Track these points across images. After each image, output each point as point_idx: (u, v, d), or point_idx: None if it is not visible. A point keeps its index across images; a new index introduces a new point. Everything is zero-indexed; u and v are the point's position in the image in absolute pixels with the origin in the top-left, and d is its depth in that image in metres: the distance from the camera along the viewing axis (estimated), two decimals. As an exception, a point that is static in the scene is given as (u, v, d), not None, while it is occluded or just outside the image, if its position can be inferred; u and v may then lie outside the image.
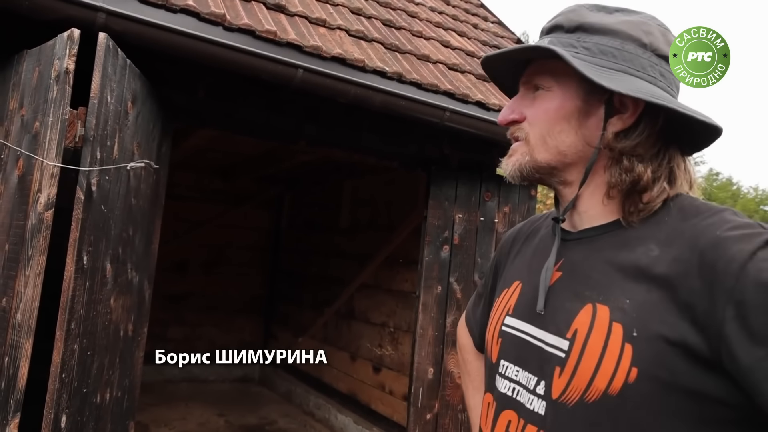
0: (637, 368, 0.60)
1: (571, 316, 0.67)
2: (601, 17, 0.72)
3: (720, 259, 0.58)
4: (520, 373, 0.73)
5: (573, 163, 0.72)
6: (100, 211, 1.63)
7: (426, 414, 2.86)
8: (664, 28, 0.73)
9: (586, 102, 0.70)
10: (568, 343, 0.66)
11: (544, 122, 0.72)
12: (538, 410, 0.68)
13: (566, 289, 0.70)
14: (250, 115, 2.46)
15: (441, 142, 2.97)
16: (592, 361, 0.63)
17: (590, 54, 0.69)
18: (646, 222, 0.68)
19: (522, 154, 0.74)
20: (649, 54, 0.70)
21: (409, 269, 3.87)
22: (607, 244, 0.70)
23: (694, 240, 0.62)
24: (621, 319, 0.63)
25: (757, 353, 0.54)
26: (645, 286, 0.63)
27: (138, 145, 1.92)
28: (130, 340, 2.02)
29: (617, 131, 0.69)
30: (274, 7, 2.36)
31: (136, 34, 1.85)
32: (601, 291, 0.66)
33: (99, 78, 1.56)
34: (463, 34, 3.51)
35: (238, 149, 4.32)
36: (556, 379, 0.67)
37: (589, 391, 0.63)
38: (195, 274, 5.51)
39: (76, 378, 1.55)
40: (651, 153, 0.69)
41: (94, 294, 1.64)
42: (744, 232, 0.60)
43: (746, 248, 0.57)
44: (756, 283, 0.55)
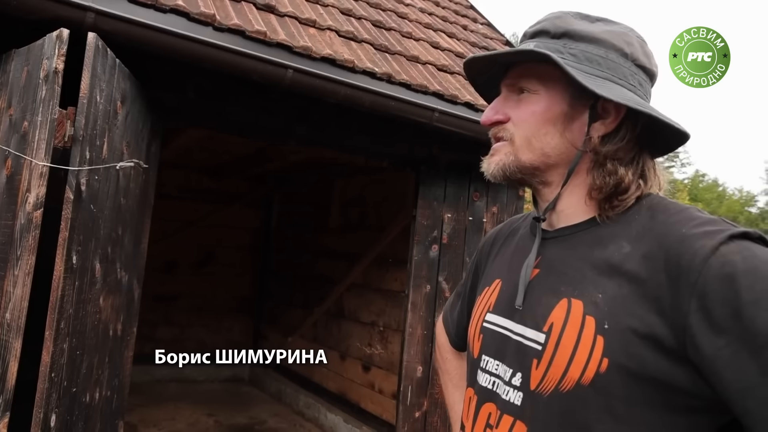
0: (608, 359, 0.63)
1: (547, 310, 0.70)
2: (586, 25, 0.74)
3: (684, 254, 0.61)
4: (499, 366, 0.76)
5: (555, 165, 0.75)
6: (90, 211, 1.63)
7: (415, 412, 2.89)
8: (642, 40, 0.76)
9: (571, 106, 0.73)
10: (544, 336, 0.69)
11: (531, 124, 0.74)
12: (514, 401, 0.71)
13: (543, 285, 0.73)
14: (240, 115, 2.47)
15: (430, 142, 2.99)
16: (566, 353, 0.66)
17: (577, 60, 0.71)
18: (619, 220, 0.71)
19: (506, 154, 0.76)
20: (629, 63, 0.73)
21: (398, 268, 3.89)
22: (582, 241, 0.73)
23: (661, 237, 0.65)
24: (594, 312, 0.66)
25: (718, 343, 0.57)
26: (616, 281, 0.66)
27: (127, 144, 1.92)
28: (119, 340, 2.02)
29: (600, 135, 0.72)
30: (264, 7, 2.37)
31: (126, 34, 1.85)
32: (576, 286, 0.69)
33: (88, 78, 1.56)
34: (452, 35, 3.54)
35: (227, 149, 4.32)
36: (533, 370, 0.69)
37: (564, 381, 0.66)
38: (184, 274, 5.49)
39: (66, 377, 1.55)
40: (629, 157, 0.73)
41: (83, 293, 1.64)
42: (707, 228, 0.63)
43: (709, 244, 0.60)
44: (718, 276, 0.58)
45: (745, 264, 0.58)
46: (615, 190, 0.71)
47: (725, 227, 0.63)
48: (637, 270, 0.65)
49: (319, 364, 3.98)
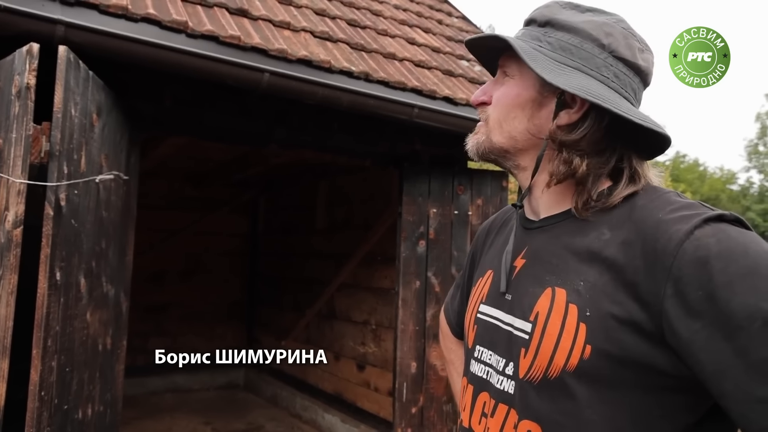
0: (591, 345, 0.64)
1: (533, 299, 0.72)
2: (571, 15, 0.75)
3: (660, 239, 0.62)
4: (492, 356, 0.78)
5: (524, 150, 0.76)
6: (71, 226, 1.62)
7: (411, 408, 2.90)
8: (629, 32, 0.75)
9: (540, 93, 0.74)
10: (530, 325, 0.71)
11: (503, 107, 0.76)
12: (507, 389, 0.73)
13: (530, 275, 0.75)
14: (218, 121, 2.46)
15: (412, 138, 3.01)
16: (551, 341, 0.68)
17: (551, 48, 0.73)
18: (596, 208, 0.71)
19: (481, 134, 0.79)
20: (606, 54, 0.73)
21: (387, 266, 3.90)
22: (565, 230, 0.74)
23: (639, 223, 0.66)
24: (576, 300, 0.67)
25: (693, 326, 0.58)
26: (597, 268, 0.67)
27: (106, 157, 1.90)
28: (109, 354, 2.01)
29: (563, 124, 0.72)
30: (237, 11, 2.36)
31: (97, 45, 1.83)
32: (560, 275, 0.71)
33: (61, 92, 1.55)
34: (428, 30, 3.55)
35: (209, 155, 4.29)
36: (521, 359, 0.71)
37: (551, 368, 0.67)
38: (173, 283, 5.45)
39: (56, 395, 1.54)
40: (596, 149, 0.72)
41: (69, 309, 1.62)
42: (683, 213, 0.63)
43: (684, 228, 0.61)
44: (692, 260, 0.59)
45: (719, 246, 0.58)
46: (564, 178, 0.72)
47: (701, 211, 0.63)
48: (616, 256, 0.65)
49: (318, 363, 3.98)
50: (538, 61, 0.71)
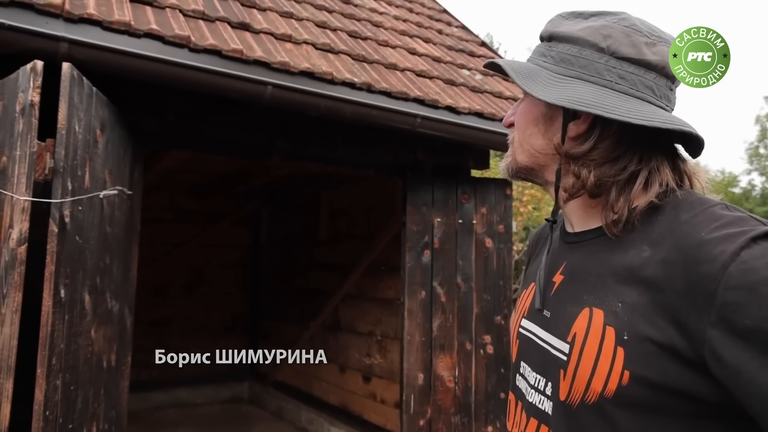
0: (629, 371, 0.61)
1: (571, 319, 0.69)
2: (571, 25, 0.74)
3: (702, 261, 0.58)
4: (531, 374, 0.76)
5: (546, 165, 0.76)
6: (75, 243, 1.61)
7: (419, 420, 2.87)
8: (632, 29, 0.72)
9: (549, 108, 0.73)
10: (568, 346, 0.68)
11: (521, 126, 0.77)
12: (546, 410, 0.71)
13: (567, 293, 0.73)
14: (221, 134, 2.46)
15: (414, 148, 3.00)
16: (588, 365, 0.65)
17: (553, 62, 0.73)
18: (644, 221, 0.67)
19: (508, 155, 0.80)
20: (607, 58, 0.71)
21: (391, 276, 3.88)
22: (602, 246, 0.71)
23: (681, 241, 0.62)
24: (613, 322, 0.64)
25: (742, 357, 0.54)
26: (635, 288, 0.64)
27: (110, 172, 1.89)
28: (113, 371, 1.99)
29: (573, 136, 0.71)
30: (239, 25, 2.37)
31: (101, 61, 1.83)
32: (597, 295, 0.67)
33: (65, 108, 1.55)
34: (428, 40, 3.56)
35: (211, 168, 4.29)
36: (561, 381, 0.69)
37: (588, 393, 0.65)
38: (176, 297, 5.43)
39: (61, 414, 1.52)
40: (609, 158, 0.69)
41: (74, 327, 1.61)
42: (728, 231, 0.59)
43: (729, 249, 0.56)
44: (738, 285, 0.55)
45: None
46: (576, 193, 0.70)
47: (749, 228, 0.58)
48: (655, 276, 0.62)
49: (319, 364, 3.95)
50: (535, 78, 0.72)
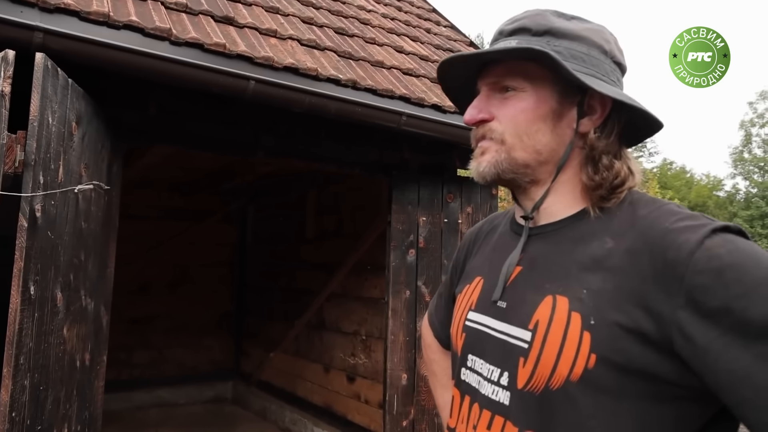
0: (596, 354, 0.63)
1: (532, 308, 0.70)
2: (564, 23, 0.75)
3: (669, 248, 0.62)
4: (483, 365, 0.75)
5: (546, 162, 0.75)
6: (47, 238, 1.56)
7: (402, 421, 2.85)
8: (615, 37, 0.78)
9: (560, 103, 0.73)
10: (530, 333, 0.69)
11: (521, 122, 0.73)
12: (502, 401, 0.71)
13: (527, 283, 0.73)
14: (204, 130, 2.41)
15: (400, 146, 2.98)
16: (553, 350, 0.66)
17: (563, 58, 0.71)
18: (601, 216, 0.72)
19: (497, 152, 0.75)
20: (609, 60, 0.75)
21: (377, 275, 3.85)
22: (565, 238, 0.73)
23: (644, 232, 0.66)
24: (579, 308, 0.66)
25: (710, 334, 0.58)
26: (601, 276, 0.66)
27: (86, 166, 1.85)
28: (87, 370, 1.94)
29: (585, 131, 0.74)
30: (223, 19, 2.33)
31: (78, 52, 1.79)
32: (561, 283, 0.69)
33: (38, 99, 1.50)
34: (416, 39, 3.54)
35: (196, 164, 4.23)
36: (520, 369, 0.69)
37: (553, 378, 0.66)
38: (159, 294, 5.35)
39: (29, 416, 1.48)
40: (615, 150, 0.74)
41: (44, 325, 1.56)
42: (690, 223, 0.64)
43: (693, 238, 0.61)
44: (705, 270, 0.59)
45: (731, 257, 0.59)
46: (612, 184, 0.72)
47: (706, 221, 0.64)
48: (621, 265, 0.65)
49: (303, 363, 3.89)
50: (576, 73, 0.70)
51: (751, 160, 28.07)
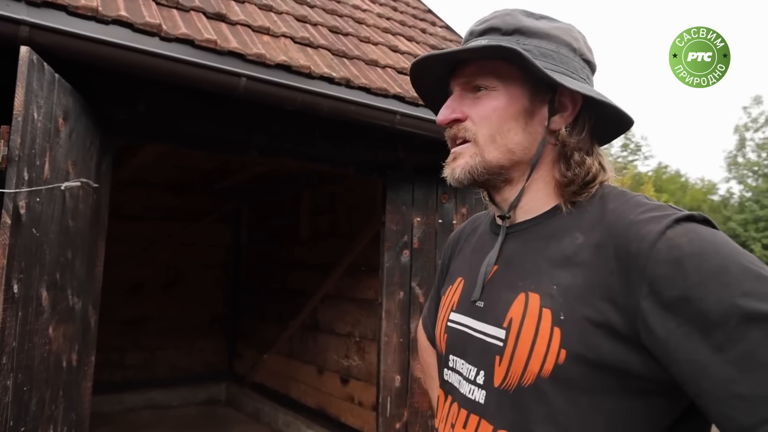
0: (566, 350, 0.63)
1: (506, 305, 0.71)
2: (534, 22, 0.75)
3: (633, 240, 0.62)
4: (463, 365, 0.76)
5: (519, 161, 0.74)
6: (32, 236, 1.53)
7: (395, 423, 2.82)
8: (584, 35, 0.78)
9: (531, 102, 0.73)
10: (504, 332, 0.69)
11: (493, 121, 0.73)
12: (478, 399, 0.71)
13: (503, 281, 0.74)
14: (195, 128, 2.38)
15: (395, 146, 2.96)
16: (526, 346, 0.66)
17: (532, 56, 0.71)
18: (573, 212, 0.72)
19: (471, 156, 0.75)
20: (578, 58, 0.75)
21: (371, 276, 3.83)
22: (537, 235, 0.73)
23: (610, 225, 0.66)
24: (550, 305, 0.66)
25: (669, 325, 0.58)
26: (570, 271, 0.67)
27: (73, 163, 1.82)
28: (74, 371, 1.90)
29: (558, 128, 0.74)
30: (215, 16, 2.30)
31: (65, 47, 1.76)
32: (533, 280, 0.70)
33: (22, 94, 1.47)
34: (411, 38, 3.52)
35: (190, 164, 4.20)
36: (496, 367, 0.69)
37: (525, 375, 0.66)
38: (152, 295, 5.31)
39: (12, 417, 1.44)
40: (587, 147, 0.74)
41: (28, 324, 1.53)
42: (654, 214, 0.64)
43: (656, 228, 0.61)
44: (666, 260, 0.59)
45: (692, 246, 0.59)
46: (584, 180, 0.72)
47: (671, 212, 0.64)
48: (590, 259, 0.65)
49: (296, 365, 3.85)
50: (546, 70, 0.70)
51: (745, 165, 28.20)
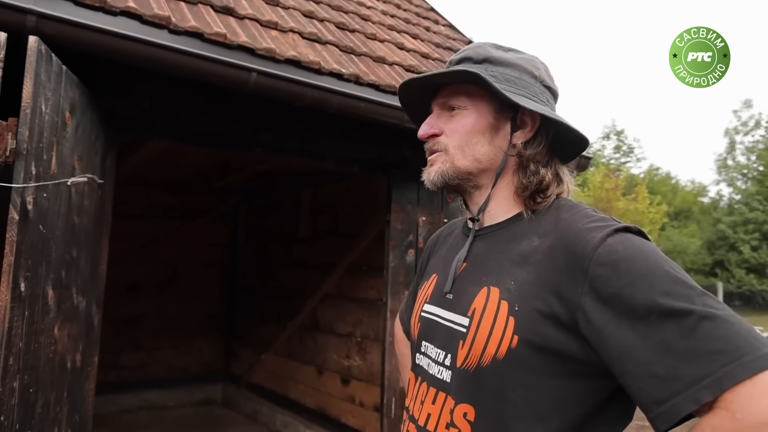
0: (518, 336, 0.75)
1: (471, 297, 0.82)
2: (501, 53, 0.89)
3: (578, 245, 0.74)
4: (433, 349, 0.87)
5: (486, 169, 0.87)
6: (39, 232, 1.48)
7: (400, 424, 2.79)
8: (546, 66, 0.92)
9: (496, 119, 0.86)
10: (468, 320, 0.81)
11: (463, 135, 0.86)
12: (444, 378, 0.82)
13: (469, 277, 0.86)
14: (200, 124, 2.33)
15: (400, 144, 2.92)
16: (485, 333, 0.77)
17: (497, 80, 0.84)
18: (533, 218, 0.84)
19: (443, 162, 0.87)
20: (538, 84, 0.88)
21: (373, 276, 3.79)
22: (501, 238, 0.85)
23: (562, 232, 0.78)
24: (507, 297, 0.78)
25: (605, 317, 0.69)
26: (526, 269, 0.78)
27: (79, 158, 1.77)
28: (78, 372, 1.85)
29: (518, 143, 0.85)
30: (222, 9, 2.26)
31: (72, 38, 1.71)
32: (494, 276, 0.81)
33: (31, 85, 1.42)
34: (416, 36, 3.49)
35: (189, 161, 4.14)
36: (459, 350, 0.80)
37: (484, 356, 0.77)
38: (148, 294, 5.23)
39: (18, 419, 1.39)
40: (545, 160, 0.86)
41: (34, 324, 1.48)
42: (598, 224, 0.76)
43: (598, 236, 0.73)
44: (604, 262, 0.71)
45: (626, 252, 0.71)
46: (538, 187, 0.84)
47: (612, 223, 0.75)
48: (543, 260, 0.77)
49: (295, 365, 3.79)
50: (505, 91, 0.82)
51: (735, 167, 28.48)
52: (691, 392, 0.63)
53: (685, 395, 0.63)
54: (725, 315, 0.65)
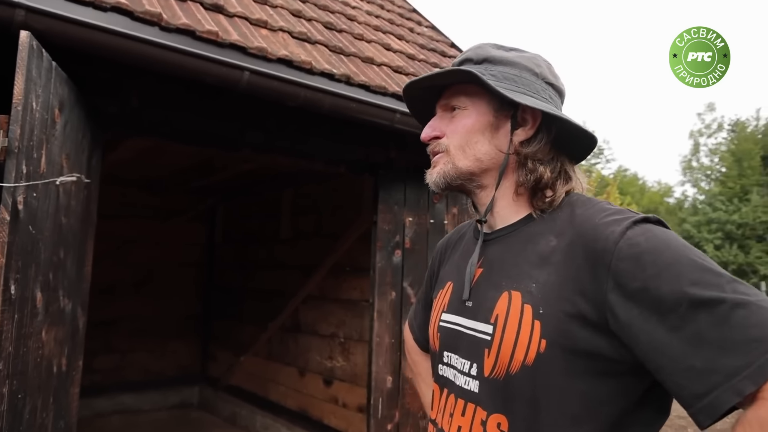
0: (546, 339, 0.72)
1: (492, 304, 0.80)
2: (502, 53, 0.87)
3: (598, 240, 0.72)
4: (457, 359, 0.84)
5: (488, 169, 0.85)
6: (29, 233, 1.43)
7: (387, 424, 2.80)
8: (549, 63, 0.90)
9: (496, 117, 0.85)
10: (492, 327, 0.78)
11: (463, 135, 0.85)
12: (472, 389, 0.80)
13: (487, 282, 0.83)
14: (188, 123, 2.29)
15: (387, 145, 2.93)
16: (511, 339, 0.75)
17: (497, 79, 0.83)
18: (546, 218, 0.82)
19: (445, 163, 0.86)
20: (540, 81, 0.86)
21: (356, 277, 3.79)
22: (517, 240, 0.83)
23: (579, 228, 0.76)
24: (530, 300, 0.75)
25: (632, 312, 0.67)
26: (546, 270, 0.76)
27: (67, 157, 1.72)
28: (64, 376, 1.80)
29: (521, 140, 0.84)
30: (212, 7, 2.22)
31: (62, 33, 1.66)
32: (514, 280, 0.79)
33: (22, 82, 1.37)
34: (401, 37, 3.50)
35: (169, 160, 4.06)
36: (485, 359, 0.78)
37: (512, 364, 0.74)
38: (123, 296, 5.10)
39: (6, 426, 1.35)
40: (548, 158, 0.84)
41: (24, 327, 1.43)
42: (615, 217, 0.74)
43: (618, 229, 0.71)
44: (627, 256, 0.69)
45: (648, 243, 0.69)
46: (536, 185, 0.82)
47: (630, 215, 0.74)
48: (563, 259, 0.75)
49: (276, 366, 3.74)
50: (502, 88, 0.81)
51: (699, 169, 29.44)
52: (732, 384, 0.60)
53: (725, 387, 0.61)
54: (758, 300, 0.63)
